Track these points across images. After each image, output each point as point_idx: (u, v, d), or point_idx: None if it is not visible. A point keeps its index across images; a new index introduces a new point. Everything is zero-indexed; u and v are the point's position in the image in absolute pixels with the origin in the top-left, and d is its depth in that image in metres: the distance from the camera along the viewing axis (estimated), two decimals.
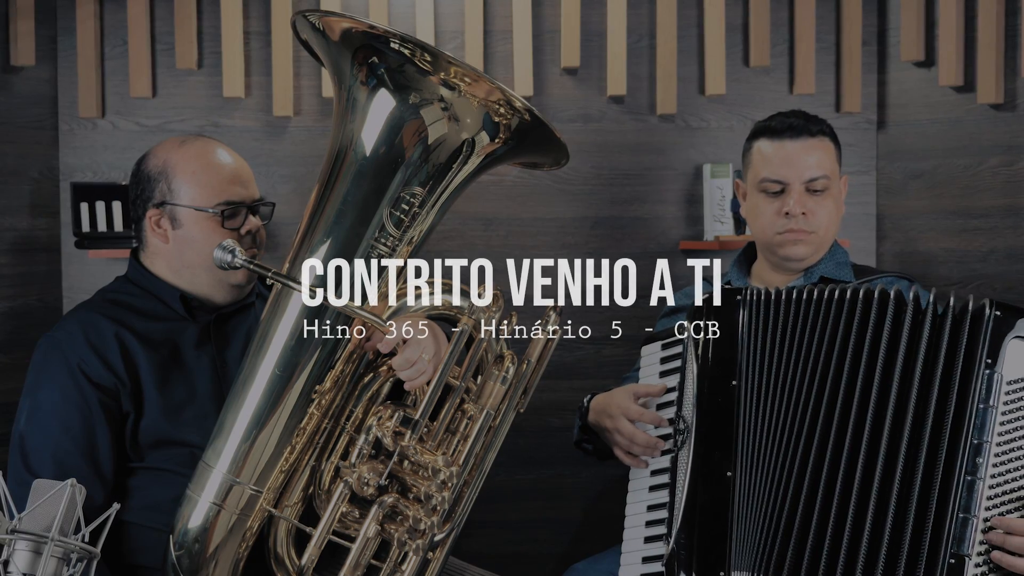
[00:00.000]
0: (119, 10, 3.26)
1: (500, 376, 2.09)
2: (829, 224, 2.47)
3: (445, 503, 2.01)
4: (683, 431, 2.18)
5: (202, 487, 2.04)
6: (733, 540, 2.09)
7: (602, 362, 3.35)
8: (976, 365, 1.95)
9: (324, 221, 2.02)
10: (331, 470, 2.08)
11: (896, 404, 2.00)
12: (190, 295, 2.27)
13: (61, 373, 2.15)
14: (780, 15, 3.35)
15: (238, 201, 2.24)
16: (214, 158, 2.26)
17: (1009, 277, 3.11)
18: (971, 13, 3.13)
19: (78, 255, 3.26)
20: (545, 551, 3.42)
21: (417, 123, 1.98)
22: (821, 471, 2.03)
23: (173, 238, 2.25)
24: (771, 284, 2.47)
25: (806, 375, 2.11)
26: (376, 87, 1.98)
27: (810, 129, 2.45)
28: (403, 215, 2.01)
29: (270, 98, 3.28)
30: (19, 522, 1.53)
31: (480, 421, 2.06)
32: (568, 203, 3.37)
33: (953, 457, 1.94)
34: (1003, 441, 1.93)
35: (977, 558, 1.90)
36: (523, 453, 3.38)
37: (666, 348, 2.33)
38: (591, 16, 3.32)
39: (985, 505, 1.91)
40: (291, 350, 2.02)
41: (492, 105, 1.98)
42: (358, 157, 2.00)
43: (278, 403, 2.02)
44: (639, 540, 2.23)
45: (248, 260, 2.01)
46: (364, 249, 2.00)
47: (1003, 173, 3.10)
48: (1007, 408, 1.94)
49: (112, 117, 3.29)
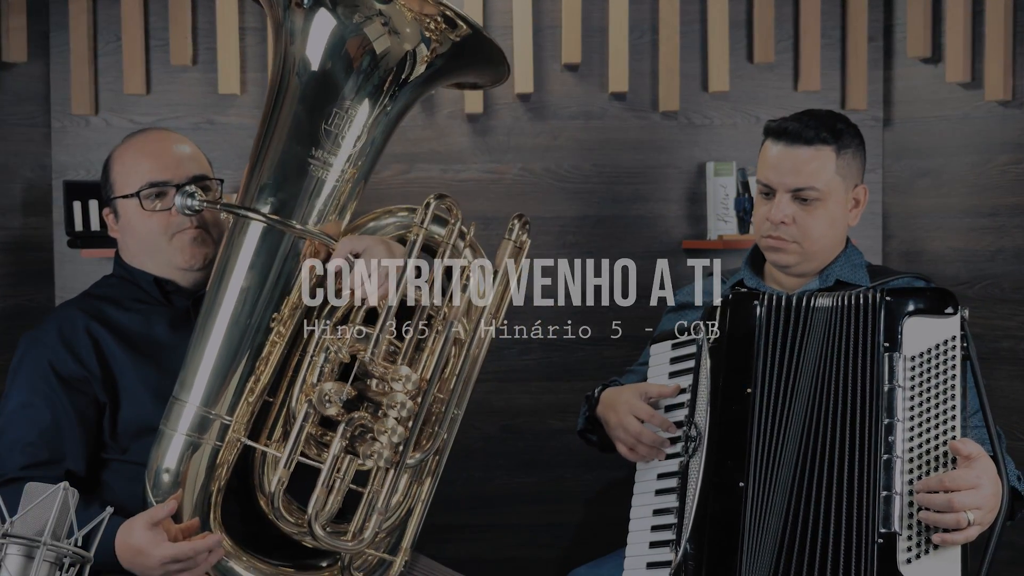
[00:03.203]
0: (112, 5, 3.25)
1: (462, 286, 2.13)
2: (820, 236, 2.38)
3: (409, 413, 2.04)
4: (695, 438, 2.16)
5: (175, 422, 2.07)
6: (744, 552, 2.06)
7: (603, 363, 3.33)
8: (876, 350, 2.06)
9: (268, 147, 2.09)
10: (303, 399, 2.10)
11: (837, 410, 2.08)
12: (163, 280, 2.29)
13: (33, 370, 2.19)
14: (784, 10, 3.34)
15: (161, 181, 2.23)
16: (142, 144, 2.29)
17: (1018, 277, 3.09)
18: (978, 8, 3.12)
19: (71, 254, 3.25)
20: (546, 555, 3.41)
21: (359, 39, 2.05)
22: (804, 483, 2.06)
23: (119, 230, 2.30)
24: (785, 286, 2.45)
25: (805, 383, 2.11)
26: (314, 7, 2.05)
27: (805, 136, 2.35)
28: (337, 130, 2.06)
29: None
30: (11, 526, 1.52)
31: (445, 333, 2.08)
32: (569, 202, 3.36)
33: (870, 441, 2.01)
34: (913, 415, 2.00)
35: (908, 531, 1.95)
36: (524, 455, 3.39)
37: (676, 348, 2.31)
38: (592, 11, 3.31)
39: (907, 479, 1.96)
40: (247, 278, 2.08)
41: (428, 17, 2.04)
42: (299, 80, 2.07)
43: (241, 333, 2.07)
44: (644, 545, 2.20)
45: (203, 199, 2.14)
46: (301, 166, 2.06)
47: (1011, 171, 3.09)
48: (913, 383, 2.02)
49: (105, 114, 3.29)
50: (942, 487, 1.91)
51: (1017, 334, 3.06)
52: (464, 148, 3.33)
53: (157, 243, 2.23)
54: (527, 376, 3.35)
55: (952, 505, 1.89)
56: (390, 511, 2.09)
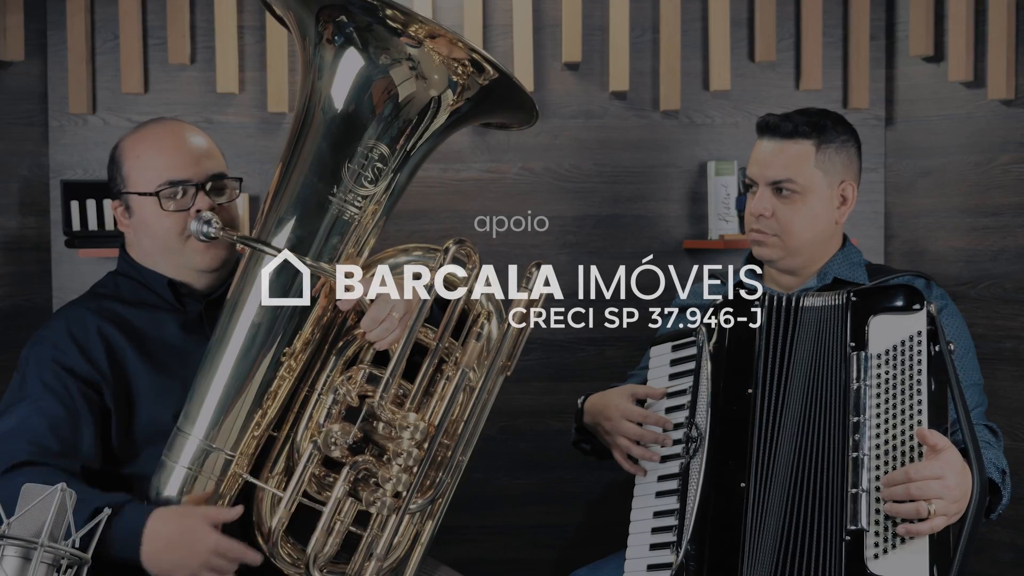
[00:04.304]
0: (110, 4, 3.24)
1: (476, 333, 2.11)
2: (801, 231, 2.39)
3: (415, 462, 2.02)
4: (696, 439, 2.16)
5: (177, 454, 2.05)
6: (745, 554, 2.06)
7: (604, 363, 3.34)
8: (844, 350, 2.09)
9: (289, 181, 2.05)
10: (308, 437, 2.08)
11: (820, 410, 2.10)
12: (178, 282, 2.24)
13: (44, 368, 2.12)
14: (786, 9, 3.34)
15: (181, 179, 2.18)
16: (159, 138, 2.22)
17: (1020, 277, 3.08)
18: (981, 7, 3.11)
19: (68, 254, 3.24)
20: (546, 556, 3.41)
21: (385, 81, 2.00)
22: (797, 484, 2.07)
23: (131, 226, 2.24)
24: (783, 286, 2.46)
25: (797, 383, 2.13)
26: (344, 45, 2.01)
27: (784, 130, 2.39)
28: (360, 169, 2.02)
29: (264, 94, 3.26)
30: (8, 527, 1.52)
31: (456, 379, 2.06)
32: (569, 201, 3.36)
33: (841, 441, 2.03)
34: (880, 412, 2.02)
35: (876, 527, 1.96)
36: (524, 457, 3.38)
37: (676, 350, 2.31)
38: (593, 10, 3.31)
39: (874, 475, 1.98)
40: (260, 312, 2.04)
41: (456, 62, 2.01)
42: (324, 115, 2.03)
43: (249, 367, 2.04)
44: (644, 547, 2.20)
45: (220, 228, 2.09)
46: (321, 203, 2.02)
47: (1014, 170, 3.08)
48: (879, 381, 2.04)
49: (103, 113, 3.27)
50: (907, 479, 1.92)
51: (1020, 334, 3.05)
52: (464, 147, 3.31)
53: (173, 243, 2.18)
54: (527, 376, 3.35)
55: (910, 493, 1.90)
56: (389, 555, 2.07)
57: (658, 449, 2.23)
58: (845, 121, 2.45)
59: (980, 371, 2.34)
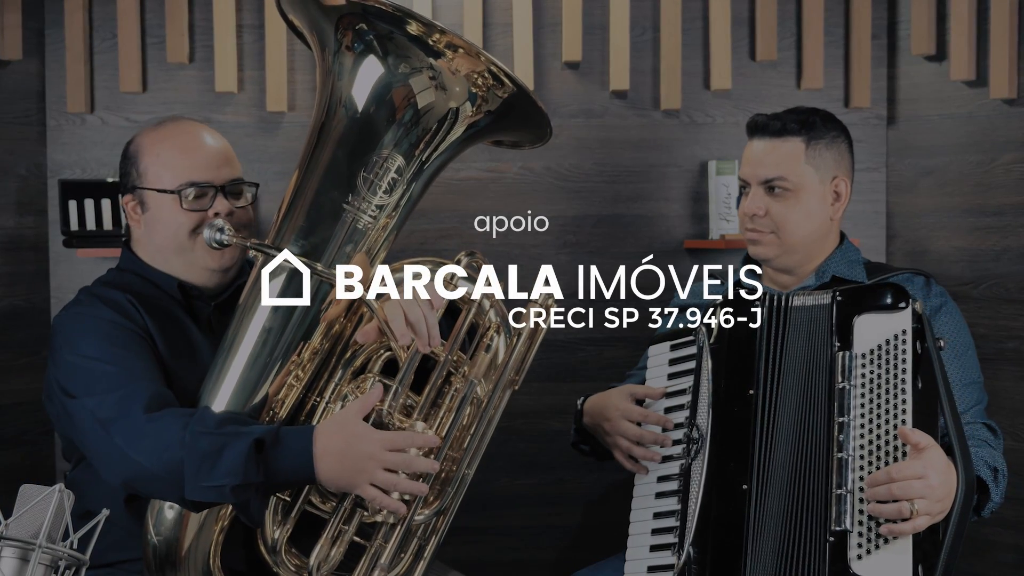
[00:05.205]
0: (108, 3, 3.23)
1: (484, 345, 2.12)
2: (796, 228, 2.40)
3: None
4: (697, 440, 2.15)
5: None
6: (748, 556, 2.05)
7: (604, 364, 3.33)
8: (830, 350, 2.09)
9: (305, 188, 2.07)
10: None
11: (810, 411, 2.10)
12: (188, 284, 2.24)
13: (96, 325, 2.11)
14: (787, 7, 3.34)
15: (203, 182, 2.19)
16: (181, 139, 2.23)
17: (1022, 277, 3.07)
18: (983, 5, 3.10)
19: (66, 254, 3.23)
20: (546, 557, 3.40)
21: (404, 90, 2.02)
22: (793, 484, 2.07)
23: (143, 222, 2.24)
24: (781, 285, 2.47)
25: (791, 384, 2.13)
26: (364, 53, 2.02)
27: (772, 128, 2.41)
28: (376, 178, 2.03)
29: (264, 93, 3.26)
30: (5, 528, 1.52)
31: (465, 392, 2.06)
32: (569, 201, 3.35)
33: (827, 441, 2.03)
34: (865, 412, 2.02)
35: (859, 527, 1.95)
36: (524, 457, 3.38)
37: (675, 349, 2.31)
38: (593, 9, 3.30)
39: (859, 476, 1.98)
40: (270, 319, 2.05)
41: (476, 74, 2.01)
42: (341, 124, 2.05)
43: (259, 374, 2.04)
44: (644, 548, 2.19)
45: (233, 235, 2.08)
46: (336, 211, 2.04)
47: (1016, 170, 3.07)
48: (864, 380, 2.04)
49: (101, 112, 3.26)
50: (889, 479, 1.92)
51: (1022, 335, 3.04)
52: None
53: (184, 241, 2.18)
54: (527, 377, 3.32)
55: (892, 494, 1.90)
56: (393, 567, 2.06)
57: (658, 449, 2.23)
58: (834, 118, 2.46)
59: (980, 369, 2.33)
